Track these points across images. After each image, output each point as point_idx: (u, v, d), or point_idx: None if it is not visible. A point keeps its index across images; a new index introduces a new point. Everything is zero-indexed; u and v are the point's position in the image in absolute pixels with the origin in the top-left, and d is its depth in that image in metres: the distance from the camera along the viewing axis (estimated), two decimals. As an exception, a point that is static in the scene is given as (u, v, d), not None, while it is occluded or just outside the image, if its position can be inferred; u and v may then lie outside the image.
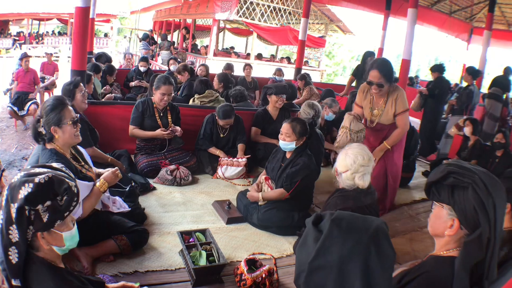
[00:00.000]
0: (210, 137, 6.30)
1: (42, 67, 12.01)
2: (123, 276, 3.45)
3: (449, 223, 2.07)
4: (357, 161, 3.38)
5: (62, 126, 3.37)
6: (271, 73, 13.14)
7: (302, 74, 11.31)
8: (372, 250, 1.49)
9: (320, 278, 1.48)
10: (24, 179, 1.93)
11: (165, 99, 5.75)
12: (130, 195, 4.40)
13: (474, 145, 7.68)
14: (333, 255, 1.48)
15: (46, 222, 1.97)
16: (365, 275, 1.45)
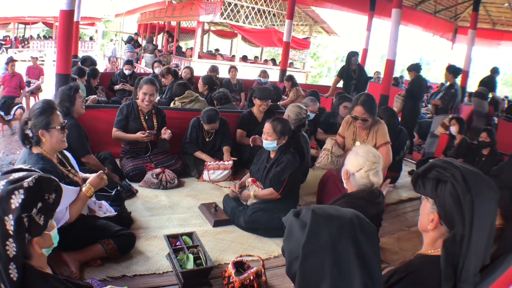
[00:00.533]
0: (195, 141, 6.29)
1: (27, 71, 11.91)
2: (111, 281, 3.44)
3: (431, 217, 2.08)
4: (369, 159, 3.39)
5: (50, 130, 3.37)
6: (256, 74, 13.14)
7: (289, 75, 11.34)
8: (357, 228, 1.54)
9: (316, 261, 1.50)
10: (10, 188, 1.88)
11: (147, 99, 5.72)
12: (116, 199, 4.36)
13: (460, 144, 7.75)
14: (324, 237, 1.51)
15: (43, 225, 1.96)
16: (358, 251, 1.49)
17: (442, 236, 2.06)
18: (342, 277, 1.47)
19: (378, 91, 8.99)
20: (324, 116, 7.95)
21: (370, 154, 3.43)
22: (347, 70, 10.64)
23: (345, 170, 3.54)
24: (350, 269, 1.48)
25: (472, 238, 1.88)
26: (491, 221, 1.92)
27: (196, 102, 7.52)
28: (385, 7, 14.18)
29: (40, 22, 31.19)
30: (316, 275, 1.50)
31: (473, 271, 1.88)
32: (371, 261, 1.52)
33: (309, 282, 1.51)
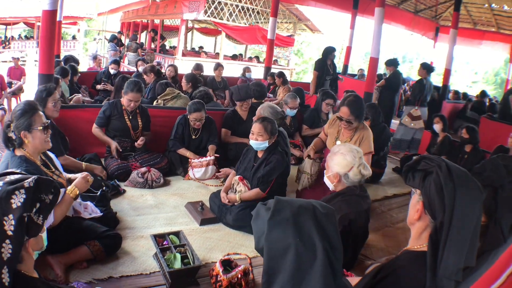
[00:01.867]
0: (181, 139, 6.26)
1: (9, 72, 11.83)
2: (97, 283, 3.40)
3: (417, 207, 2.13)
4: (356, 155, 3.47)
5: (32, 131, 3.33)
6: (240, 72, 13.14)
7: (280, 72, 11.39)
8: (316, 208, 1.74)
9: (280, 231, 1.66)
10: (11, 188, 1.87)
11: (131, 105, 5.73)
12: (101, 200, 4.34)
13: (443, 141, 7.84)
14: (286, 212, 1.69)
15: (41, 225, 1.95)
16: (317, 224, 1.67)
17: (427, 228, 2.10)
18: (305, 244, 1.63)
19: (362, 88, 9.07)
20: (308, 112, 8.00)
21: (354, 150, 3.52)
22: (325, 64, 10.70)
23: (335, 173, 3.57)
24: (311, 237, 1.64)
25: (452, 228, 1.91)
26: (475, 221, 1.94)
27: (178, 99, 7.52)
28: (368, 6, 14.26)
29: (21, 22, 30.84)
30: (281, 244, 1.66)
31: (453, 266, 1.89)
32: (330, 232, 1.69)
33: (276, 251, 1.66)
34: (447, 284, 1.91)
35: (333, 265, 1.62)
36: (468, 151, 7.33)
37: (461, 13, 13.57)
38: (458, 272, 1.90)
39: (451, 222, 1.92)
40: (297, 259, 1.61)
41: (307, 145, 7.46)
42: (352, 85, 11.90)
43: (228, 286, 3.44)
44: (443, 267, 1.91)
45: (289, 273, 1.61)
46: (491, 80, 43.65)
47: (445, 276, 1.90)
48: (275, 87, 11.75)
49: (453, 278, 1.89)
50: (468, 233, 1.92)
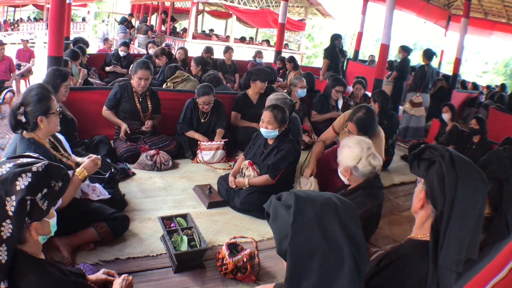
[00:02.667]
0: (189, 122, 6.25)
1: (17, 54, 11.80)
2: (104, 264, 3.43)
3: (420, 196, 2.13)
4: (363, 147, 3.43)
5: (49, 116, 3.33)
6: (250, 55, 13.09)
7: (291, 56, 11.30)
8: (337, 204, 1.63)
9: (304, 235, 1.55)
10: (18, 170, 1.88)
11: (142, 84, 5.71)
12: (110, 182, 4.37)
13: (451, 131, 7.83)
14: (309, 213, 1.58)
15: (46, 210, 1.95)
16: (341, 223, 1.57)
17: (430, 218, 2.10)
18: (331, 249, 1.53)
19: (373, 75, 9.03)
20: (317, 98, 7.97)
21: (361, 142, 3.47)
22: (334, 51, 10.67)
23: (345, 167, 3.54)
24: (337, 241, 1.54)
25: (452, 218, 1.91)
26: (478, 212, 1.93)
27: (188, 82, 7.52)
28: (380, -9, 14.16)
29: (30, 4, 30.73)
30: (306, 249, 1.55)
31: (453, 256, 1.89)
32: (354, 232, 1.59)
33: (300, 257, 1.55)
34: (447, 275, 1.90)
35: (360, 269, 1.54)
36: (476, 141, 7.32)
37: (472, 3, 13.44)
38: (458, 264, 1.89)
39: (451, 213, 1.92)
40: (324, 265, 1.53)
41: (316, 130, 7.50)
42: (362, 71, 11.86)
43: (234, 270, 3.47)
44: (443, 257, 1.91)
45: (315, 280, 1.52)
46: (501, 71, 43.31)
47: (446, 267, 1.90)
48: (284, 71, 11.70)
49: (453, 269, 1.88)
50: (470, 224, 1.91)
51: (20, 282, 1.86)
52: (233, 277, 3.49)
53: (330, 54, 10.79)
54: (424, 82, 9.87)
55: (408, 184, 6.42)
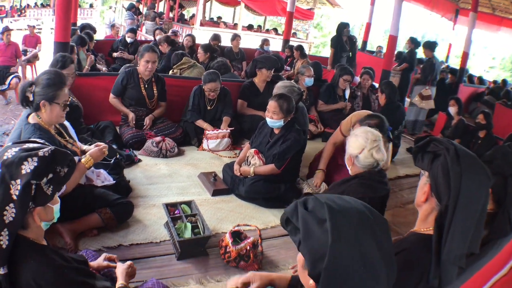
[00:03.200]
0: (198, 110, 6.26)
1: (24, 40, 11.77)
2: (107, 251, 3.43)
3: (424, 189, 2.13)
4: (369, 138, 3.38)
5: (52, 104, 3.31)
6: (258, 44, 13.06)
7: (299, 45, 11.26)
8: (372, 220, 1.46)
9: (344, 257, 1.39)
10: (24, 155, 1.88)
11: (149, 66, 5.68)
12: (115, 168, 4.38)
13: (457, 125, 7.83)
14: (348, 232, 1.42)
15: (50, 195, 1.95)
16: (378, 243, 1.42)
17: (433, 211, 2.10)
18: (368, 272, 1.39)
19: (380, 66, 9.02)
20: (324, 87, 7.93)
21: (369, 133, 3.42)
22: (340, 40, 10.63)
23: (348, 155, 3.52)
24: (374, 263, 1.40)
25: (457, 212, 1.91)
26: (481, 207, 1.93)
27: (194, 69, 7.51)
28: (389, -18, 14.07)
29: (37, -10, 30.68)
30: (343, 273, 1.40)
31: (457, 251, 1.89)
32: (388, 250, 1.46)
33: (335, 280, 1.41)
34: (450, 269, 1.91)
35: None
36: (482, 136, 7.32)
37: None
38: (461, 258, 1.89)
39: (456, 206, 1.91)
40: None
41: (322, 120, 7.50)
42: (370, 61, 11.82)
43: (237, 258, 3.48)
44: (446, 251, 1.91)
45: None
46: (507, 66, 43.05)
47: (449, 261, 1.90)
48: (292, 60, 11.67)
49: (456, 263, 1.89)
50: (473, 218, 1.91)
51: (21, 268, 1.87)
52: (236, 265, 3.50)
53: (335, 43, 10.73)
54: (433, 75, 9.81)
55: (413, 176, 6.38)
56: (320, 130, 7.38)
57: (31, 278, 1.85)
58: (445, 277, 1.92)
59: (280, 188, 4.71)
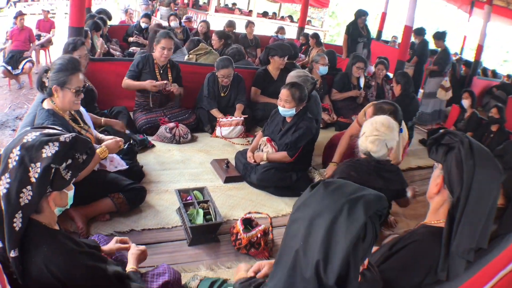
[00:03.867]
0: (213, 97, 6.27)
1: (38, 25, 11.80)
2: (119, 236, 3.41)
3: (437, 181, 2.14)
4: (374, 125, 3.39)
5: (64, 89, 3.32)
6: (273, 31, 13.01)
7: (315, 33, 11.21)
8: (344, 211, 1.46)
9: (295, 228, 1.53)
10: (45, 139, 1.88)
11: (165, 53, 5.67)
12: (128, 153, 4.40)
13: (470, 118, 7.80)
14: (309, 210, 1.52)
15: (68, 180, 1.97)
16: (329, 231, 1.44)
17: (445, 204, 2.11)
18: (305, 251, 1.47)
19: (395, 56, 8.97)
20: (339, 76, 7.89)
21: (378, 122, 3.41)
22: (356, 27, 10.58)
23: None
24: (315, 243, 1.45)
25: (468, 205, 1.91)
26: (492, 201, 1.93)
27: (210, 55, 7.50)
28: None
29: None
30: (293, 241, 1.52)
31: (466, 245, 1.90)
32: (338, 246, 1.43)
33: (287, 245, 1.55)
34: (458, 262, 1.92)
35: None
36: (494, 130, 7.27)
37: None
38: (470, 252, 1.90)
39: (468, 199, 1.92)
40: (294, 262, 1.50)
41: (336, 109, 7.49)
42: (384, 51, 11.74)
43: (247, 245, 3.50)
44: (456, 244, 1.91)
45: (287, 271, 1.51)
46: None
47: (457, 255, 1.91)
48: (307, 48, 11.61)
49: (464, 257, 1.90)
50: (483, 212, 1.92)
51: (32, 252, 1.88)
52: (247, 252, 3.52)
53: (351, 29, 10.67)
54: (449, 65, 9.78)
55: (425, 168, 6.33)
56: (333, 119, 7.34)
57: (42, 263, 1.86)
58: (452, 270, 1.93)
59: (292, 177, 4.71)
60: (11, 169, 1.82)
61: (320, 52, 8.94)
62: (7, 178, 1.82)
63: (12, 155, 1.84)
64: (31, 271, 1.87)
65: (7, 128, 7.20)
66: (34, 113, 3.59)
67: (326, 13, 24.84)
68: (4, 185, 1.81)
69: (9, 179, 1.81)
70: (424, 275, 2.03)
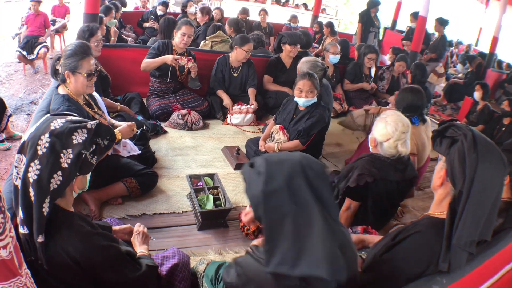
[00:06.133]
0: (221, 79, 6.31)
1: (53, 10, 11.79)
2: (130, 219, 3.57)
3: (440, 174, 2.16)
4: (398, 128, 3.33)
5: (75, 74, 3.36)
6: (286, 18, 12.97)
7: (330, 22, 11.14)
8: (305, 165, 1.74)
9: (276, 200, 1.67)
10: (73, 126, 1.94)
11: (184, 39, 5.70)
12: (141, 139, 4.48)
13: (482, 110, 7.76)
14: (278, 179, 1.69)
15: (93, 164, 2.05)
16: (309, 183, 1.70)
17: (448, 196, 2.13)
18: (301, 210, 1.66)
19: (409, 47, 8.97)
20: (351, 66, 7.87)
21: (399, 123, 3.36)
22: (369, 15, 10.56)
23: (373, 138, 3.50)
24: (306, 201, 1.67)
25: (470, 198, 1.91)
26: (495, 194, 1.93)
27: (226, 43, 7.50)
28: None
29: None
30: (278, 213, 1.68)
31: (467, 237, 1.90)
32: (323, 192, 1.72)
33: (274, 221, 1.69)
34: (459, 254, 1.92)
35: (331, 226, 1.68)
36: (507, 123, 7.23)
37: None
38: (471, 244, 1.90)
39: (470, 192, 1.91)
40: (296, 226, 1.66)
41: (348, 99, 7.48)
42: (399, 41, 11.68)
43: (256, 231, 3.57)
44: (457, 236, 1.91)
45: (289, 241, 1.65)
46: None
47: (459, 246, 1.91)
48: (321, 36, 11.56)
49: (466, 249, 1.90)
50: (487, 205, 1.91)
51: (54, 235, 1.92)
52: (254, 238, 3.58)
53: (364, 17, 10.66)
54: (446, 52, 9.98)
55: (435, 160, 6.21)
56: (344, 109, 7.34)
57: (60, 246, 1.91)
58: (454, 262, 1.93)
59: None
60: (41, 155, 1.86)
61: (334, 41, 8.92)
62: (38, 164, 1.85)
63: (41, 142, 1.87)
64: (54, 254, 1.92)
65: (22, 113, 7.27)
66: (49, 98, 3.64)
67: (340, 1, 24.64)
68: (35, 172, 1.85)
69: (39, 165, 1.85)
70: (426, 266, 2.05)
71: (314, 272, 1.58)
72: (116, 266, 2.10)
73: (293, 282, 1.66)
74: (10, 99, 7.71)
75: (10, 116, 5.99)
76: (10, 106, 6.93)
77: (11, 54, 10.18)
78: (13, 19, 12.84)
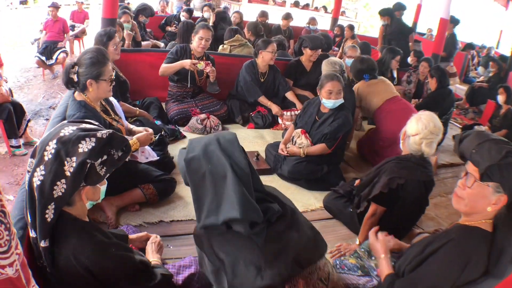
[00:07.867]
0: (257, 84, 6.26)
1: (72, 16, 11.98)
2: (147, 226, 3.52)
3: (493, 200, 2.03)
4: (428, 127, 3.32)
5: (99, 81, 3.33)
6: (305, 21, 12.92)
7: (351, 24, 11.09)
8: (219, 136, 2.10)
9: (195, 164, 2.02)
10: (82, 134, 1.92)
11: (202, 43, 5.67)
12: (159, 144, 4.43)
13: (506, 114, 7.60)
14: (196, 149, 2.04)
15: (102, 176, 2.00)
16: (221, 146, 2.04)
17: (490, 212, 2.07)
18: (216, 167, 1.98)
19: (430, 49, 8.85)
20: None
21: (431, 123, 3.35)
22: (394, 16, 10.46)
23: (404, 131, 3.51)
24: (220, 160, 1.98)
25: None
26: None
27: (245, 47, 7.47)
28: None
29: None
30: (199, 174, 2.01)
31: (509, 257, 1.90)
32: (233, 152, 2.04)
33: (196, 181, 2.02)
34: (506, 264, 1.93)
35: (239, 175, 1.97)
36: (531, 128, 7.12)
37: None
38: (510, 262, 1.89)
39: None
40: (213, 181, 1.97)
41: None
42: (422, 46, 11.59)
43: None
44: (502, 258, 1.92)
45: (211, 195, 1.97)
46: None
47: (505, 258, 1.92)
48: (341, 39, 11.50)
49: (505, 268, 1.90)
50: None
51: (62, 243, 1.91)
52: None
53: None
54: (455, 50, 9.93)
55: (458, 165, 6.13)
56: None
57: (71, 254, 1.89)
58: (497, 272, 1.96)
59: (323, 170, 4.68)
60: (46, 161, 1.85)
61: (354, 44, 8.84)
62: (42, 170, 1.85)
63: (48, 147, 1.87)
64: (59, 260, 1.91)
65: (41, 118, 7.29)
66: (65, 104, 3.62)
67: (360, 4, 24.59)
68: (39, 177, 1.85)
69: (43, 171, 1.85)
70: (460, 273, 2.03)
71: (230, 214, 1.89)
72: (130, 276, 2.08)
73: (220, 229, 2.00)
74: (28, 104, 7.75)
75: (29, 121, 6.02)
76: (29, 111, 6.99)
77: (30, 60, 10.32)
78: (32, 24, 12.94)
